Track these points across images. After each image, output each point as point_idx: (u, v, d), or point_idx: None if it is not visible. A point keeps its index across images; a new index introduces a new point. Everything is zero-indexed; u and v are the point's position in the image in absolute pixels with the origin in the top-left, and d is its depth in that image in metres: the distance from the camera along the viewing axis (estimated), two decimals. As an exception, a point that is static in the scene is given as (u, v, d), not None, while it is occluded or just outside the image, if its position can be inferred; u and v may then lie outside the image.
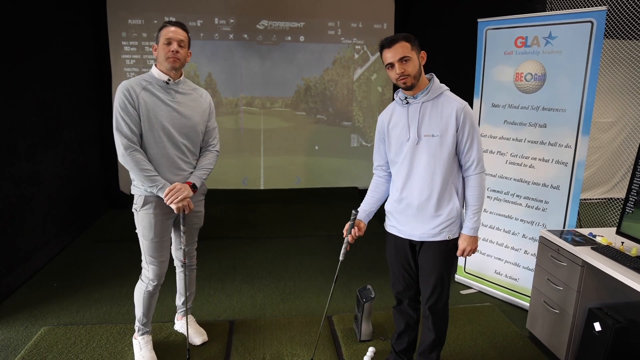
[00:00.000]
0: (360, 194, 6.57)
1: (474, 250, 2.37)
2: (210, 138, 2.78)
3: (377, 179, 2.58)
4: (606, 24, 2.99)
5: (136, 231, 2.64)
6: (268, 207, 6.13)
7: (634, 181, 2.64)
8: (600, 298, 2.74)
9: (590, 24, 2.96)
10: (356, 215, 2.46)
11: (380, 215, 2.58)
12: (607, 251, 2.60)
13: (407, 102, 2.32)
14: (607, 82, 5.69)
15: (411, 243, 2.43)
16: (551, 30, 3.16)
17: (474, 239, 2.34)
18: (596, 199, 6.52)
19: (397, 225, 2.45)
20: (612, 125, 6.55)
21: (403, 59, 2.18)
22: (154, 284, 2.70)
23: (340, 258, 2.55)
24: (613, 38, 4.74)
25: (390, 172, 2.50)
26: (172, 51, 2.47)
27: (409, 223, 2.39)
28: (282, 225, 5.52)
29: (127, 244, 2.71)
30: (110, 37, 5.72)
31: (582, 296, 2.71)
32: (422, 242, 2.38)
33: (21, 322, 3.24)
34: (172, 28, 2.49)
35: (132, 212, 2.63)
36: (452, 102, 2.25)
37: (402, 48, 2.18)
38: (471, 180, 2.31)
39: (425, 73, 2.33)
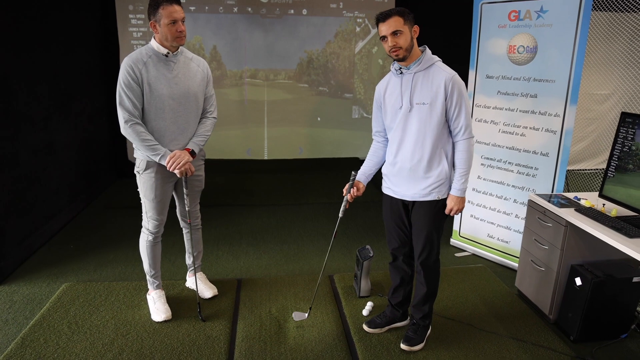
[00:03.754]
0: (361, 164, 6.73)
1: (460, 210, 2.55)
2: (208, 105, 2.94)
3: (375, 144, 2.78)
4: None
5: (138, 190, 2.86)
6: (272, 177, 6.33)
7: (616, 147, 2.83)
8: (582, 256, 2.95)
9: (579, -2, 3.11)
10: (355, 176, 2.67)
11: (377, 181, 2.78)
12: (589, 212, 2.80)
13: (401, 73, 2.50)
14: (604, 54, 5.80)
15: (404, 203, 2.64)
16: (542, 4, 3.30)
17: (461, 200, 2.52)
18: (590, 170, 6.68)
19: (392, 187, 2.66)
20: (608, 97, 6.66)
21: (395, 33, 2.35)
22: (155, 235, 2.94)
23: (340, 215, 2.78)
24: (609, 11, 4.84)
25: (387, 138, 2.69)
26: (180, 31, 2.60)
27: (402, 184, 2.59)
28: (285, 194, 5.73)
29: (137, 210, 2.93)
30: (117, 9, 5.83)
31: (566, 254, 2.92)
32: (414, 202, 2.59)
33: (43, 279, 3.48)
34: (175, 7, 2.57)
35: (135, 174, 2.84)
36: (442, 72, 2.41)
37: (395, 22, 2.35)
38: (459, 145, 2.48)
39: (420, 45, 2.50)
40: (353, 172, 2.68)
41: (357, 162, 6.73)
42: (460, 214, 2.63)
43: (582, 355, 2.72)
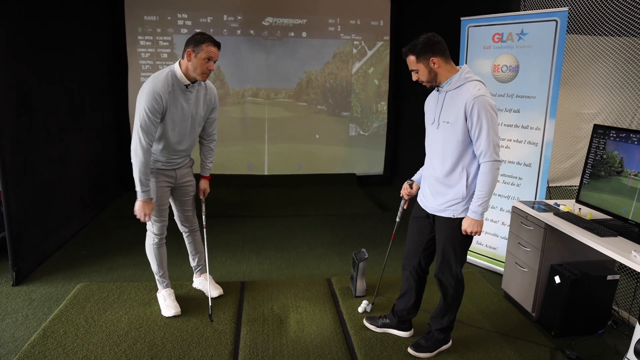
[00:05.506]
0: (358, 179, 7.03)
1: (477, 233, 2.55)
2: (211, 128, 3.26)
3: None
4: (586, 21, 3.46)
5: None
6: (272, 191, 6.58)
7: (590, 156, 3.11)
8: (561, 257, 3.20)
9: (555, 22, 3.43)
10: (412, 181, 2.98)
11: (374, 196, 3.04)
12: (566, 216, 3.06)
13: (438, 90, 2.62)
14: (590, 75, 6.11)
15: (428, 214, 2.77)
16: (523, 27, 3.63)
17: (477, 223, 2.52)
18: (577, 186, 6.90)
19: (421, 195, 2.84)
20: (595, 116, 6.94)
21: (412, 71, 2.57)
22: (159, 237, 3.19)
23: (397, 219, 3.12)
24: (593, 35, 5.16)
25: None
26: (210, 69, 2.88)
27: (427, 196, 2.75)
28: (285, 206, 5.98)
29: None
30: (127, 31, 6.16)
31: (546, 255, 3.17)
32: (434, 215, 2.72)
33: (59, 281, 3.71)
34: (216, 49, 2.85)
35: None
36: (467, 93, 2.43)
37: (409, 62, 2.54)
38: (481, 167, 2.48)
39: (458, 64, 2.62)
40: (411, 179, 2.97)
41: (354, 178, 7.01)
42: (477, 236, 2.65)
43: (561, 347, 2.94)
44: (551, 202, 3.43)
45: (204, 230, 3.38)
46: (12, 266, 3.60)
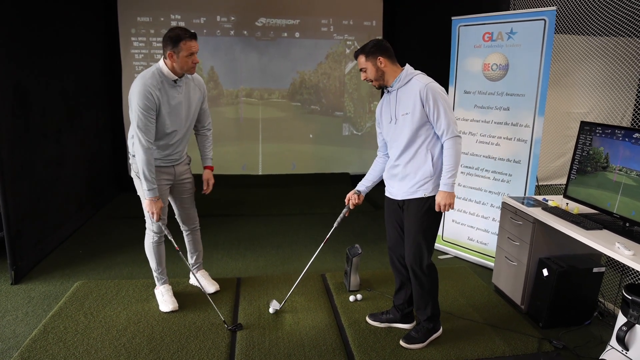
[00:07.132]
0: (352, 179, 7.10)
1: (450, 205, 2.70)
2: (206, 117, 3.33)
3: (376, 160, 3.13)
4: (575, 21, 3.55)
5: (138, 194, 3.17)
6: (266, 191, 6.64)
7: (577, 152, 3.19)
8: (549, 250, 3.28)
9: (543, 21, 3.52)
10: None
11: (371, 198, 3.11)
12: (554, 210, 3.15)
13: (389, 92, 2.85)
14: (581, 75, 6.22)
15: (399, 204, 2.90)
16: (512, 26, 3.72)
17: (449, 195, 2.68)
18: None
19: (389, 189, 2.96)
20: (585, 115, 7.03)
21: (361, 70, 2.78)
22: (159, 235, 3.25)
23: (335, 225, 3.25)
24: (585, 35, 5.26)
25: (386, 153, 3.02)
26: (195, 62, 2.95)
27: (395, 185, 2.89)
28: (280, 206, 6.05)
29: (139, 221, 3.24)
30: (120, 33, 6.20)
31: (534, 248, 3.25)
32: (403, 202, 2.85)
33: (57, 279, 3.75)
34: (194, 42, 2.92)
35: (132, 177, 3.17)
36: (418, 83, 2.67)
37: (360, 61, 2.77)
38: (445, 144, 2.67)
39: (403, 65, 2.82)
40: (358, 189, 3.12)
41: (348, 177, 7.08)
42: (449, 210, 2.76)
43: (548, 338, 3.03)
44: (540, 197, 3.52)
45: (189, 230, 3.45)
46: (11, 265, 3.64)
